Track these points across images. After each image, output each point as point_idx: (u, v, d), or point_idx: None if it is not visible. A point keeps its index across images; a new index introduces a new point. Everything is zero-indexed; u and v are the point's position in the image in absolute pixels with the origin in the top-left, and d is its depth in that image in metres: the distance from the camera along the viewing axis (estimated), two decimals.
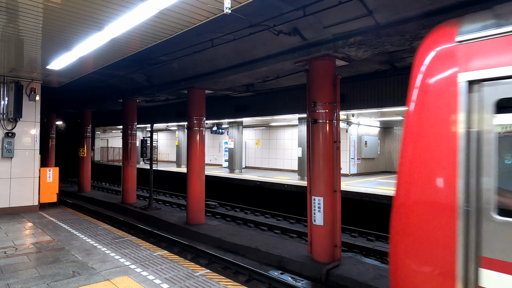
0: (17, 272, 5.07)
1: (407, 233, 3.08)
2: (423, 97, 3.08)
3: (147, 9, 4.83)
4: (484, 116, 2.79)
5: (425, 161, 3.04)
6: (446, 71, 2.95)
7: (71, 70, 8.79)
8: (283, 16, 6.80)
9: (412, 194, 3.11)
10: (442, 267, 2.89)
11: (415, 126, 3.15)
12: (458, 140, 2.86)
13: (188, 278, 4.91)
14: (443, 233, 2.90)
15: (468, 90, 2.82)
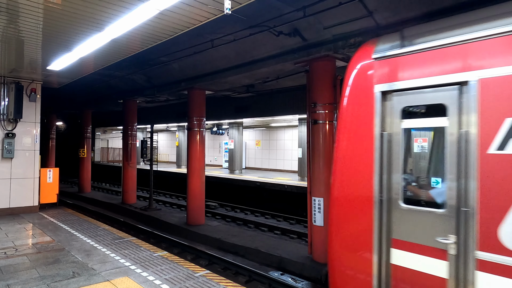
0: (17, 273, 5.07)
1: (339, 222, 3.66)
2: (350, 105, 3.68)
3: (147, 10, 4.84)
4: (394, 121, 3.38)
5: (351, 159, 3.63)
6: (365, 83, 3.56)
7: (71, 70, 8.79)
8: (283, 17, 6.80)
9: (342, 188, 3.69)
10: (363, 248, 3.46)
11: (344, 129, 3.74)
12: (374, 141, 3.44)
13: (188, 278, 4.91)
14: (363, 220, 3.47)
15: (381, 99, 3.42)
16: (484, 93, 2.82)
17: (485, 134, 2.82)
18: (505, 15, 2.86)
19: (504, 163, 2.71)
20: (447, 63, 3.06)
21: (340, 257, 3.62)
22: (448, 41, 3.06)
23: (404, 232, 3.26)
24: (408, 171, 3.56)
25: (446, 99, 3.06)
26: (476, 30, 2.93)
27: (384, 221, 3.35)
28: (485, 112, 2.83)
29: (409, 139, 3.57)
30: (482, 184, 2.79)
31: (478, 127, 2.85)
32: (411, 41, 3.35)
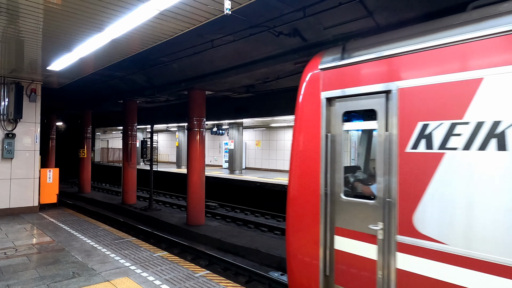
0: (17, 273, 5.06)
1: (294, 216, 4.16)
2: (302, 109, 4.20)
3: (147, 10, 4.84)
4: (337, 124, 3.90)
5: (304, 158, 4.14)
6: (314, 90, 4.06)
7: (71, 71, 8.80)
8: (283, 17, 6.81)
9: (296, 185, 4.19)
10: (312, 236, 3.97)
11: (298, 132, 4.24)
12: (321, 141, 3.96)
13: (188, 279, 4.91)
14: (312, 212, 3.98)
15: (327, 104, 3.94)
16: (402, 100, 3.31)
17: (403, 135, 3.30)
18: (420, 35, 3.34)
19: (416, 160, 3.19)
20: (376, 73, 3.55)
21: (294, 245, 4.15)
22: (376, 55, 3.55)
23: (345, 221, 3.78)
24: (348, 167, 4.04)
25: (376, 105, 3.55)
26: (397, 47, 3.42)
27: (329, 212, 3.88)
28: (403, 117, 3.31)
29: (349, 139, 4.07)
30: (401, 178, 3.28)
31: (398, 129, 3.33)
32: (349, 54, 3.86)
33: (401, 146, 3.29)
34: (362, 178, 4.20)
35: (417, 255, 3.12)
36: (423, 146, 3.16)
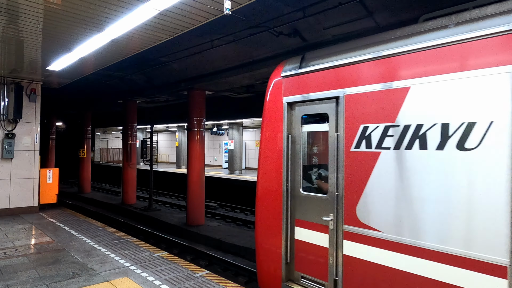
0: (16, 273, 5.06)
1: (262, 210, 4.62)
2: (268, 113, 4.65)
3: (147, 10, 4.84)
4: (296, 126, 4.35)
5: (269, 158, 4.59)
6: (277, 96, 4.52)
7: (71, 71, 8.80)
8: (283, 17, 6.81)
9: (263, 183, 4.66)
10: (275, 228, 4.42)
11: (264, 134, 4.68)
12: (283, 142, 4.40)
13: (188, 279, 4.90)
14: (276, 206, 4.43)
15: (288, 108, 4.40)
16: (348, 105, 3.75)
17: (349, 136, 3.74)
18: (362, 47, 3.79)
19: (358, 159, 3.63)
20: (328, 81, 3.99)
21: (261, 236, 4.62)
22: (328, 64, 3.99)
23: (303, 214, 4.23)
24: (306, 165, 4.50)
25: (328, 109, 4.00)
26: (343, 58, 3.87)
27: (289, 205, 4.33)
28: (348, 120, 3.75)
29: (307, 140, 4.50)
30: (346, 174, 3.72)
31: (345, 131, 3.77)
32: (307, 63, 4.30)
33: (346, 146, 3.75)
34: (317, 175, 4.67)
35: (359, 242, 3.59)
36: (364, 146, 3.60)
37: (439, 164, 3.07)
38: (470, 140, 2.91)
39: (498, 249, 2.73)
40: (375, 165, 3.49)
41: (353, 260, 3.62)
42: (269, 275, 4.56)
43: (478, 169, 2.87)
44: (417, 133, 3.21)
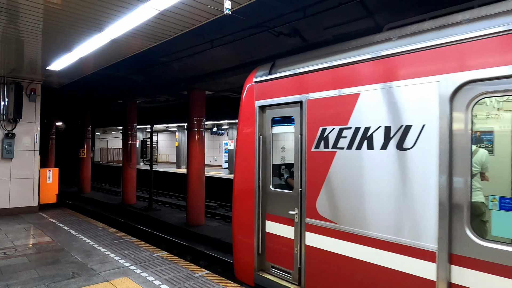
0: (16, 273, 5.06)
1: (237, 206, 5.13)
2: (242, 116, 5.02)
3: (147, 10, 4.84)
4: (267, 127, 4.73)
5: (244, 157, 4.95)
6: (250, 99, 4.89)
7: (71, 71, 8.79)
8: (283, 18, 6.80)
9: (239, 181, 5.08)
10: (249, 222, 4.82)
11: (239, 136, 5.06)
12: (255, 143, 4.75)
13: (188, 279, 4.90)
14: (249, 202, 4.82)
15: (259, 111, 4.76)
16: (310, 109, 4.12)
17: (310, 137, 4.10)
18: (321, 56, 4.16)
19: (317, 158, 4.02)
20: (293, 87, 4.36)
21: (237, 229, 5.07)
22: (293, 71, 4.36)
23: (273, 208, 4.63)
24: (275, 164, 4.89)
25: (293, 113, 4.39)
26: (306, 66, 4.25)
27: (261, 201, 4.73)
28: (309, 122, 4.12)
29: (276, 141, 4.90)
30: (308, 172, 4.11)
31: (307, 132, 4.14)
32: (276, 70, 4.69)
33: (308, 146, 4.12)
34: (285, 172, 5.08)
35: (319, 233, 3.99)
36: (322, 146, 3.99)
37: (383, 162, 3.44)
38: (407, 141, 3.28)
39: (429, 236, 3.08)
40: (331, 164, 3.89)
41: (314, 249, 4.02)
42: (243, 265, 4.97)
43: (413, 166, 3.23)
44: (366, 135, 3.60)
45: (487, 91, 2.87)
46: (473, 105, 2.95)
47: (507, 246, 2.71)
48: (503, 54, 2.79)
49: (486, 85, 2.86)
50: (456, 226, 2.96)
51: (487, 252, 2.78)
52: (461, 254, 2.93)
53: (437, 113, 3.07)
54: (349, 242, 3.67)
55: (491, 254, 2.76)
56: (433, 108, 3.10)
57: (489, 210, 2.92)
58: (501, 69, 2.75)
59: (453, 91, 3.00)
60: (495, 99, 3.87)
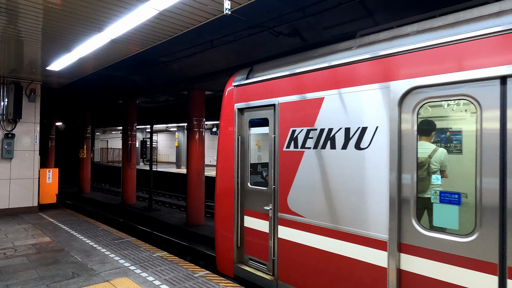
0: (16, 273, 5.06)
1: (219, 203, 5.40)
2: (223, 117, 5.36)
3: (147, 10, 4.84)
4: (245, 129, 5.10)
5: (224, 157, 5.30)
6: (230, 102, 5.25)
7: (71, 71, 8.79)
8: (283, 17, 6.81)
9: (220, 179, 5.39)
10: (229, 217, 5.17)
11: (220, 137, 5.45)
12: (235, 143, 5.12)
13: (187, 279, 4.90)
14: (230, 198, 5.16)
15: (238, 113, 5.12)
16: (281, 112, 4.47)
17: (282, 138, 4.44)
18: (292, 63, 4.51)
19: (288, 157, 4.36)
20: (267, 91, 4.70)
21: (219, 226, 5.38)
22: (267, 76, 4.71)
23: (250, 204, 4.97)
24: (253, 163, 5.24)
25: (268, 115, 4.72)
26: (277, 71, 4.61)
27: (239, 197, 5.07)
28: (281, 124, 4.46)
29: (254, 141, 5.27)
30: (280, 170, 4.45)
31: (279, 133, 4.48)
32: (253, 75, 5.01)
33: (280, 146, 4.46)
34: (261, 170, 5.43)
35: (289, 226, 4.32)
36: (293, 146, 4.31)
37: (344, 161, 3.79)
38: (363, 141, 3.61)
39: (382, 228, 3.41)
40: (300, 162, 4.22)
41: (285, 242, 4.38)
42: (224, 258, 5.32)
43: (369, 165, 3.56)
44: (329, 136, 3.94)
45: (430, 96, 3.19)
46: (418, 108, 3.29)
47: (445, 235, 3.03)
48: (442, 63, 3.10)
49: (429, 91, 3.18)
50: (404, 218, 3.27)
51: (429, 241, 3.10)
52: (408, 243, 3.26)
53: (388, 115, 3.41)
54: (315, 234, 4.03)
55: (433, 243, 3.08)
56: (384, 111, 3.45)
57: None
58: (440, 77, 3.07)
59: (401, 96, 3.32)
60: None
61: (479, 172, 2.89)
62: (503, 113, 2.80)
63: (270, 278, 4.62)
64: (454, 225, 3.08)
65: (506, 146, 2.77)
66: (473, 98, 2.95)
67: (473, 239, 2.88)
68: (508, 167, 2.75)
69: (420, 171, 3.41)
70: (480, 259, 2.82)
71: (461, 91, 3.01)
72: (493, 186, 2.81)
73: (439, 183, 3.68)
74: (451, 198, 3.11)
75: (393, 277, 3.31)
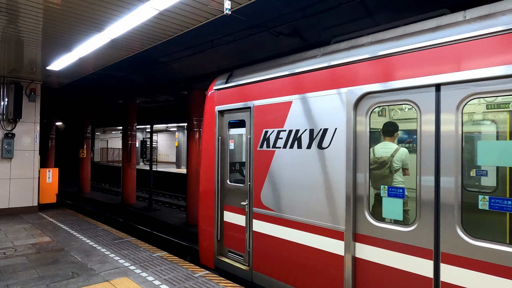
0: (16, 273, 5.06)
1: (201, 201, 5.84)
2: (205, 119, 5.77)
3: (147, 10, 4.84)
4: (225, 130, 5.48)
5: (207, 156, 5.71)
6: (212, 105, 5.66)
7: (71, 71, 8.79)
8: (283, 18, 6.81)
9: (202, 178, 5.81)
10: (210, 213, 5.60)
11: (203, 136, 5.82)
12: (215, 144, 5.51)
13: (187, 279, 4.90)
14: (211, 195, 5.59)
15: (219, 115, 5.52)
16: (256, 114, 4.85)
17: (256, 138, 4.82)
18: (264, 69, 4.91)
19: (262, 156, 4.74)
20: (244, 95, 5.08)
21: (201, 220, 5.84)
22: (244, 81, 5.11)
23: (229, 200, 5.37)
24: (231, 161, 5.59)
25: (245, 117, 5.12)
26: (252, 77, 4.99)
27: (219, 194, 5.48)
28: (256, 125, 4.83)
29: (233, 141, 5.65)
30: (255, 168, 4.83)
31: (254, 134, 4.85)
32: (232, 79, 5.41)
33: (255, 146, 4.83)
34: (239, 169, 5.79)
35: (262, 220, 4.70)
36: (265, 146, 4.68)
37: (308, 159, 4.13)
38: (325, 141, 3.97)
39: (340, 220, 3.78)
40: (272, 161, 4.60)
41: (259, 234, 4.76)
42: (206, 251, 5.74)
43: (329, 163, 3.92)
44: (296, 136, 4.30)
45: (380, 101, 3.55)
46: (371, 112, 3.62)
47: (392, 225, 3.41)
48: (389, 71, 3.45)
49: (379, 97, 3.55)
50: (359, 211, 3.65)
51: (380, 231, 3.48)
52: (362, 233, 3.63)
53: (345, 118, 3.77)
54: (284, 227, 4.41)
55: (382, 232, 3.45)
56: (342, 114, 3.80)
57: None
58: (388, 84, 3.44)
59: (356, 101, 3.68)
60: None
61: (419, 170, 3.22)
62: (438, 117, 3.12)
63: (246, 269, 4.98)
64: (399, 216, 3.46)
65: (440, 147, 3.09)
66: (414, 103, 3.30)
67: (413, 229, 3.24)
68: (441, 166, 3.07)
69: (372, 168, 3.88)
70: (419, 246, 3.18)
71: (404, 97, 3.37)
72: (429, 183, 3.14)
73: (401, 180, 4.07)
74: (397, 192, 3.51)
75: (348, 264, 3.68)
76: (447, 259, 3.01)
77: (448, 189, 3.03)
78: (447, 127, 3.06)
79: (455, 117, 3.01)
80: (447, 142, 3.05)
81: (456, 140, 3.01)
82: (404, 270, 3.27)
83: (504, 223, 3.92)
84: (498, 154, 2.99)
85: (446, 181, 3.05)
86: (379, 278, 3.46)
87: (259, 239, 4.75)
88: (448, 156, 3.04)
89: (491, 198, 2.88)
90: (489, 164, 3.90)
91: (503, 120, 4.37)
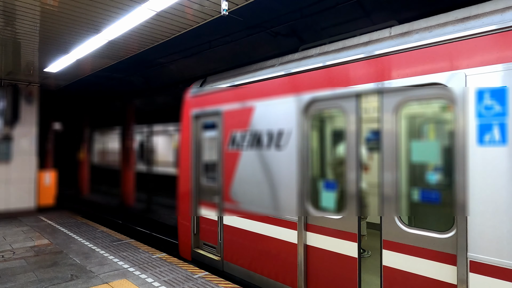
0: (15, 276, 5.04)
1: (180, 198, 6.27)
2: (182, 123, 6.29)
3: (144, 11, 4.83)
4: (199, 132, 6.06)
5: (183, 158, 6.20)
6: (188, 110, 6.17)
7: (68, 72, 8.77)
8: (281, 18, 6.81)
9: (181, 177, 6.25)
10: (187, 209, 6.07)
11: (180, 141, 6.36)
12: (191, 145, 6.06)
13: (187, 280, 4.89)
14: (188, 191, 6.06)
15: (194, 119, 6.06)
16: (226, 118, 5.38)
17: (226, 140, 5.35)
18: (230, 77, 5.56)
19: (230, 156, 5.28)
20: (216, 100, 5.60)
21: (180, 216, 6.34)
22: (214, 88, 5.65)
23: (205, 197, 5.87)
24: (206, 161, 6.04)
25: (216, 120, 5.63)
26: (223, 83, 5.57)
27: (195, 191, 5.99)
28: (225, 128, 5.37)
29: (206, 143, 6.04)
30: (225, 167, 5.35)
31: (224, 136, 5.39)
32: (205, 86, 5.97)
33: (225, 147, 5.37)
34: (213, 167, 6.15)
35: (231, 213, 5.25)
36: (233, 147, 5.22)
37: (268, 158, 4.66)
38: (282, 142, 4.49)
39: (294, 212, 4.32)
40: (238, 160, 5.12)
41: (228, 227, 5.32)
42: (184, 244, 6.26)
43: (286, 160, 4.42)
44: (258, 137, 4.82)
45: (322, 107, 4.13)
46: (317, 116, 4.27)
47: (328, 214, 3.99)
48: (328, 82, 3.99)
49: (322, 103, 4.11)
50: (307, 203, 4.20)
51: (320, 220, 4.08)
52: (310, 223, 4.21)
53: (297, 121, 4.29)
54: (248, 220, 4.97)
55: (322, 221, 4.06)
56: (295, 118, 4.32)
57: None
58: (326, 93, 3.99)
59: (305, 106, 4.23)
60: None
61: (345, 165, 3.87)
62: (358, 120, 3.75)
63: (218, 259, 5.54)
64: (333, 206, 4.07)
65: (358, 144, 3.73)
66: (342, 109, 3.90)
67: (342, 216, 3.88)
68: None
69: (317, 166, 4.46)
70: (347, 231, 3.81)
71: (335, 104, 3.98)
72: (352, 176, 3.76)
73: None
74: (330, 185, 4.16)
75: (301, 251, 4.25)
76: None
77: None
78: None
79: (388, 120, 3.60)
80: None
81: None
82: (340, 253, 3.88)
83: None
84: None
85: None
86: (324, 260, 4.03)
87: (228, 231, 5.32)
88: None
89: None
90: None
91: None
